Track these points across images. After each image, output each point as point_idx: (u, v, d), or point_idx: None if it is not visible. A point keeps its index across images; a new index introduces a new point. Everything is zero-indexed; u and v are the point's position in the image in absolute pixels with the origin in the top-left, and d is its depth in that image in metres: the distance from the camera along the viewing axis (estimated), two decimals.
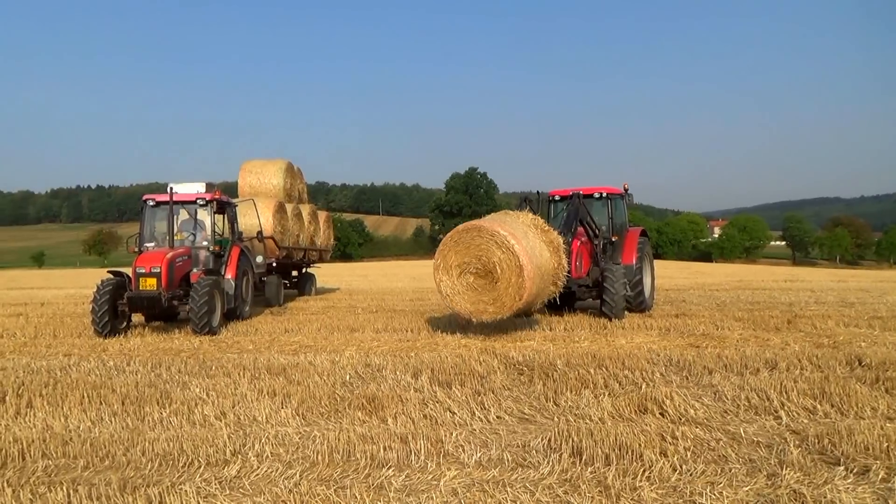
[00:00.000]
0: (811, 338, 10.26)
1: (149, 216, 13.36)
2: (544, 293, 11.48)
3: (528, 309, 11.63)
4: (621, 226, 14.87)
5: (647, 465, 4.62)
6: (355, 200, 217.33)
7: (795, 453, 4.80)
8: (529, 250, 10.61)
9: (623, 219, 15.09)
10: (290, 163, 21.48)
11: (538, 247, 11.13)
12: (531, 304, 11.29)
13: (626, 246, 14.15)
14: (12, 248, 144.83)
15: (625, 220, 15.16)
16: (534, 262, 10.56)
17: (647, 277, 14.55)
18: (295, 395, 6.68)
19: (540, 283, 10.85)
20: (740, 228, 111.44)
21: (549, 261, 11.34)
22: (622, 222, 14.98)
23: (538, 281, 10.70)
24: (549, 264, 11.31)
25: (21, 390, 7.10)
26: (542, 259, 11.01)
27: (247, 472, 4.65)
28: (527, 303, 10.74)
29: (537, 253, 10.92)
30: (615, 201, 14.79)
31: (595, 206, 14.47)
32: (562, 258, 11.67)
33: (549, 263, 11.28)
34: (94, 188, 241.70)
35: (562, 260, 11.67)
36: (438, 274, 10.96)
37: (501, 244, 10.42)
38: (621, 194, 15.01)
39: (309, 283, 22.01)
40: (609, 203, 14.63)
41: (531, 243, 10.91)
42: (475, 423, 5.85)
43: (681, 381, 7.22)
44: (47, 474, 4.71)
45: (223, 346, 10.32)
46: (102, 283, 11.74)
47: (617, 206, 14.82)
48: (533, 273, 10.43)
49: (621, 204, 15.03)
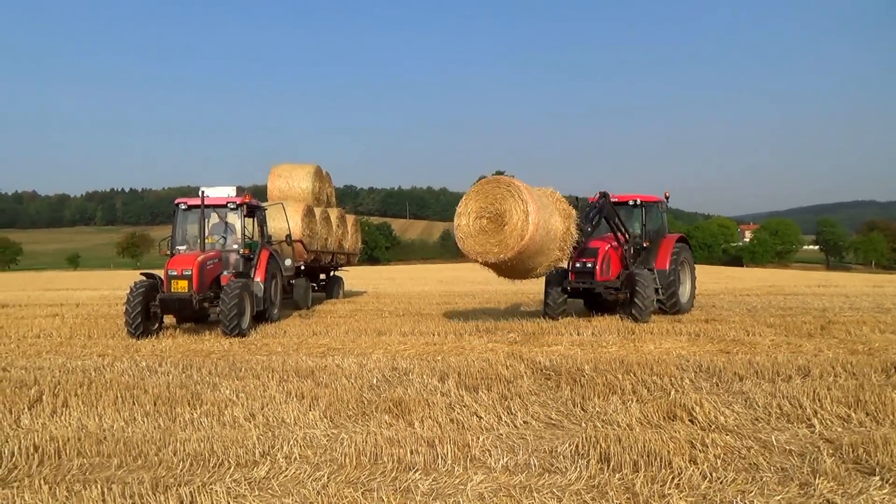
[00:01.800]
0: (845, 344, 10.06)
1: (181, 219, 13.58)
2: (550, 254, 12.38)
3: (533, 268, 12.56)
4: (656, 232, 15.19)
5: (676, 473, 4.57)
6: (382, 204, 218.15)
7: (829, 462, 4.71)
8: (540, 205, 11.70)
9: (658, 225, 15.40)
10: (319, 167, 21.68)
11: (550, 208, 12.18)
12: (533, 259, 12.12)
13: (660, 251, 14.60)
14: (49, 251, 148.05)
15: (661, 226, 15.47)
16: (541, 215, 11.57)
17: (686, 282, 15.10)
18: (323, 398, 6.74)
19: (546, 238, 11.80)
20: (772, 232, 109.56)
21: (559, 224, 12.27)
22: (657, 228, 15.30)
23: (543, 234, 11.62)
24: (558, 226, 12.23)
25: (57, 390, 7.26)
26: (550, 218, 12.00)
27: (275, 473, 4.70)
28: (529, 250, 11.61)
29: (548, 211, 11.93)
30: (649, 208, 15.08)
31: (631, 213, 14.97)
32: (571, 227, 12.61)
33: (557, 225, 12.22)
34: (127, 191, 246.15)
35: (571, 228, 12.57)
36: (458, 219, 12.14)
37: (515, 193, 11.64)
38: (657, 201, 15.29)
39: (337, 286, 22.17)
40: (643, 210, 14.93)
41: (543, 203, 11.99)
42: (502, 427, 5.84)
43: (711, 388, 7.13)
44: (82, 472, 4.81)
45: (252, 348, 10.44)
46: (135, 285, 11.96)
47: (651, 213, 15.12)
48: (538, 222, 11.41)
49: (656, 211, 15.35)
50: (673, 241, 14.91)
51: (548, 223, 11.87)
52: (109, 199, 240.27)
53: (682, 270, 14.99)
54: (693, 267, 15.67)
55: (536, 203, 11.58)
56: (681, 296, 14.81)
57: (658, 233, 15.27)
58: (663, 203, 15.66)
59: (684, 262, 15.15)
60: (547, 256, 12.37)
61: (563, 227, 12.42)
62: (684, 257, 15.16)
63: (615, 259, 14.23)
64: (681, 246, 15.11)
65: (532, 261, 12.17)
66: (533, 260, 12.14)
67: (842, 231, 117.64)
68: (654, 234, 15.09)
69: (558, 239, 12.35)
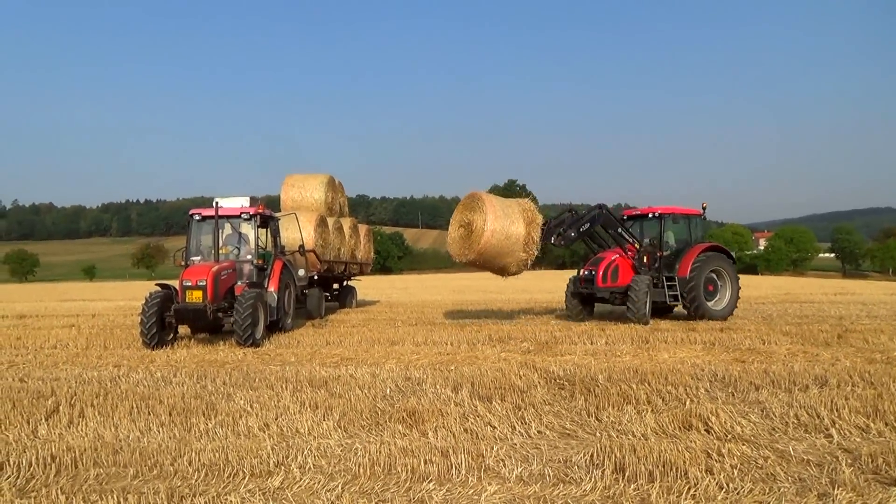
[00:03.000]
0: (863, 353, 9.96)
1: (195, 230, 13.67)
2: (514, 255, 14.57)
3: (504, 266, 14.85)
4: (684, 241, 16.15)
5: (692, 483, 4.54)
6: (395, 213, 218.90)
7: (848, 473, 4.65)
8: (500, 215, 14.25)
9: (682, 235, 16.30)
10: (332, 177, 21.78)
11: (513, 217, 14.46)
12: (499, 258, 14.59)
13: (683, 260, 15.52)
14: (65, 262, 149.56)
15: (691, 236, 16.19)
16: (499, 224, 14.14)
17: (723, 290, 15.73)
18: (336, 408, 6.75)
19: (505, 242, 14.27)
20: (787, 240, 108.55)
21: (521, 229, 14.44)
22: (680, 238, 16.19)
23: (501, 238, 14.18)
24: (520, 232, 14.42)
25: (73, 400, 7.32)
26: (511, 226, 14.34)
27: (290, 483, 4.71)
28: (487, 253, 14.28)
29: (509, 220, 14.34)
30: (664, 220, 16.00)
31: (653, 224, 16.25)
32: (534, 232, 14.60)
33: (519, 231, 14.41)
34: (142, 202, 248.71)
35: (533, 233, 14.58)
36: (449, 228, 15.16)
37: (479, 206, 14.43)
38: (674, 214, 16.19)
39: (350, 295, 22.23)
40: (660, 222, 15.97)
41: (507, 213, 14.44)
42: (516, 437, 5.82)
43: (726, 398, 7.08)
44: (99, 482, 4.84)
45: (266, 359, 10.48)
46: (150, 296, 12.05)
47: (667, 224, 16.08)
48: (495, 229, 14.05)
49: (670, 222, 16.17)
50: (699, 250, 15.50)
51: (507, 230, 14.30)
52: (124, 211, 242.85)
53: (717, 278, 15.64)
54: (732, 276, 15.82)
55: (496, 213, 14.24)
56: (713, 303, 15.47)
57: (687, 242, 16.02)
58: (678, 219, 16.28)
59: (720, 271, 15.64)
60: (512, 256, 14.62)
61: (525, 233, 14.49)
62: (717, 266, 15.59)
63: (625, 267, 15.42)
64: (709, 255, 15.58)
65: (499, 260, 14.67)
66: (499, 259, 14.66)
67: (858, 238, 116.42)
68: (681, 243, 16.07)
69: (521, 242, 14.50)
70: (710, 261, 15.47)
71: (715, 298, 15.58)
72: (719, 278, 15.65)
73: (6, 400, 7.37)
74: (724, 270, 15.68)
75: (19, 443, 5.78)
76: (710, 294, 15.52)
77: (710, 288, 15.49)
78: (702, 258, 15.34)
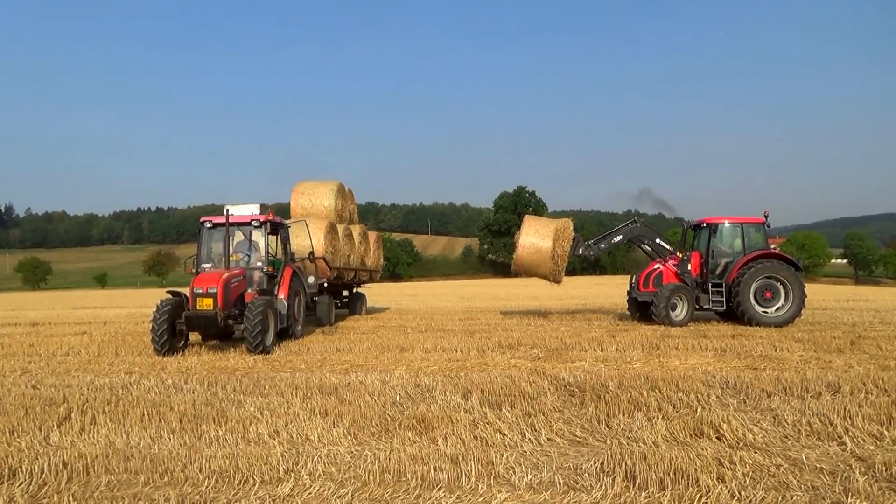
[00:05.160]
0: (876, 360, 9.87)
1: (206, 238, 13.74)
2: (544, 266, 16.92)
3: (541, 274, 17.32)
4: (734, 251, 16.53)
5: (703, 491, 4.51)
6: (404, 220, 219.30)
7: (861, 481, 4.61)
8: (533, 234, 17.01)
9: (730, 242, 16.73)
10: (342, 184, 21.86)
11: (544, 234, 16.89)
12: (534, 268, 17.23)
13: (733, 267, 16.02)
14: (77, 270, 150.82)
15: (748, 244, 16.39)
16: (529, 240, 16.93)
17: (779, 297, 15.71)
18: (346, 415, 6.75)
19: (535, 256, 16.88)
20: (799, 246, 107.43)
21: (549, 245, 16.69)
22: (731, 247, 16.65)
23: (532, 252, 16.88)
24: (547, 246, 16.71)
25: (85, 407, 7.37)
26: (541, 242, 16.83)
27: (300, 490, 4.72)
28: (522, 264, 17.21)
29: (540, 236, 16.90)
30: (712, 229, 16.65)
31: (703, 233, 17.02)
32: (560, 247, 16.63)
33: (547, 246, 16.72)
34: (153, 210, 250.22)
35: (559, 248, 16.62)
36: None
37: (521, 226, 17.49)
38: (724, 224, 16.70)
39: (359, 302, 22.26)
40: (708, 231, 16.71)
41: (540, 231, 17.03)
42: (526, 444, 5.80)
43: (738, 405, 7.03)
44: (110, 489, 4.86)
45: (276, 365, 10.50)
46: (161, 303, 12.11)
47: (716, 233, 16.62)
48: (525, 244, 16.93)
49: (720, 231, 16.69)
50: (751, 257, 15.87)
51: (537, 245, 16.83)
52: (136, 219, 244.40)
53: (779, 285, 15.70)
54: (794, 283, 15.67)
55: (529, 231, 17.08)
56: (771, 310, 15.60)
57: (744, 250, 16.26)
58: (748, 224, 16.56)
59: (780, 278, 15.70)
60: (545, 267, 16.93)
61: (552, 248, 16.67)
62: (775, 273, 15.66)
63: (668, 275, 16.76)
64: (764, 262, 15.78)
65: (535, 269, 17.25)
66: (535, 269, 17.24)
67: (871, 244, 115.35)
68: (735, 252, 16.48)
69: (549, 256, 16.68)
70: (766, 268, 15.62)
71: (774, 305, 15.64)
72: (781, 286, 15.70)
73: (19, 407, 7.43)
74: (785, 278, 15.67)
75: (32, 449, 5.81)
76: (769, 301, 15.61)
77: (767, 295, 15.61)
78: (752, 265, 15.66)
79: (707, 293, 16.20)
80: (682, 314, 15.94)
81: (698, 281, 16.58)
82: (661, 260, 17.12)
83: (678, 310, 15.98)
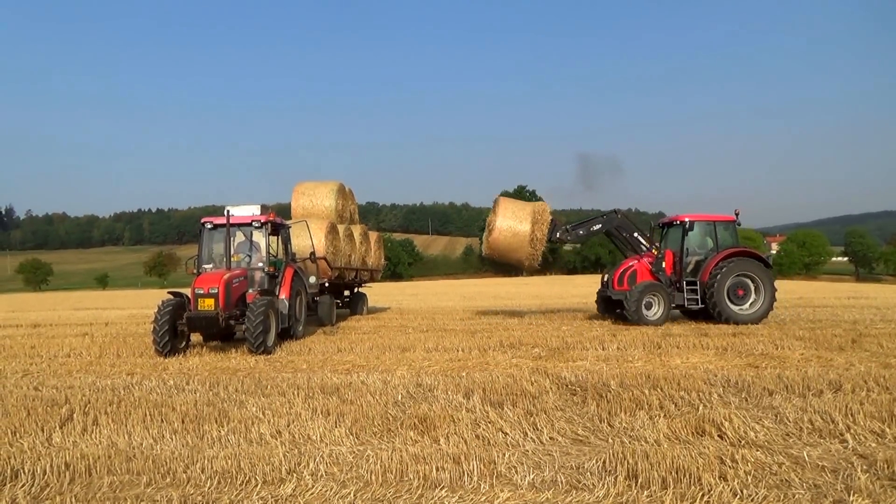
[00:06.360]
0: (878, 358, 9.87)
1: (207, 238, 13.75)
2: (522, 250, 16.45)
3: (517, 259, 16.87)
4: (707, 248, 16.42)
5: (705, 489, 4.51)
6: (405, 220, 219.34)
7: (863, 479, 4.61)
8: (511, 217, 16.42)
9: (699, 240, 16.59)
10: (342, 184, 21.86)
11: (522, 218, 16.37)
12: (510, 253, 16.73)
13: (706, 265, 15.90)
14: (78, 271, 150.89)
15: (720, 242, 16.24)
16: (506, 223, 16.34)
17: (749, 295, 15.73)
18: (348, 415, 6.76)
19: (512, 240, 16.35)
20: (799, 244, 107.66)
21: (527, 228, 16.25)
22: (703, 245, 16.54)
23: (508, 236, 16.33)
24: (525, 230, 16.26)
25: (87, 408, 7.37)
26: (518, 225, 16.32)
27: (302, 490, 4.72)
28: (498, 248, 16.68)
29: (517, 220, 16.36)
30: (687, 227, 16.35)
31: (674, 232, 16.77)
32: (540, 230, 16.31)
33: (525, 229, 16.26)
34: (154, 211, 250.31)
35: (538, 231, 16.27)
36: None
37: (495, 209, 16.80)
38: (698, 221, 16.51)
39: (360, 302, 22.27)
40: (683, 228, 16.36)
41: (517, 214, 16.46)
42: (528, 444, 5.81)
43: (739, 403, 7.03)
44: (112, 490, 4.87)
45: (278, 366, 10.51)
46: (163, 304, 12.12)
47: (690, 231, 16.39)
48: (502, 227, 16.34)
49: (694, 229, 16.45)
50: (724, 255, 15.76)
51: (514, 228, 16.30)
52: (137, 220, 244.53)
53: (750, 283, 15.70)
54: (766, 281, 15.70)
55: (506, 214, 16.46)
56: (743, 308, 15.60)
57: (714, 248, 16.20)
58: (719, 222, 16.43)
59: (752, 276, 15.66)
60: (522, 252, 16.47)
61: (531, 231, 16.23)
62: (747, 270, 15.64)
63: (643, 272, 16.39)
64: (736, 260, 15.69)
65: (511, 254, 16.79)
66: (511, 254, 16.75)
67: (871, 242, 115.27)
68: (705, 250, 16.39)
69: (527, 239, 16.25)
70: (738, 265, 15.59)
71: (746, 302, 15.67)
72: (752, 283, 15.71)
73: (21, 408, 7.43)
74: (757, 275, 15.67)
75: (34, 450, 5.82)
76: (740, 298, 15.61)
77: (739, 292, 15.60)
78: (725, 263, 15.59)
79: (682, 291, 16.02)
80: (658, 313, 15.67)
81: (672, 279, 16.32)
82: (637, 257, 16.84)
83: (654, 309, 15.74)
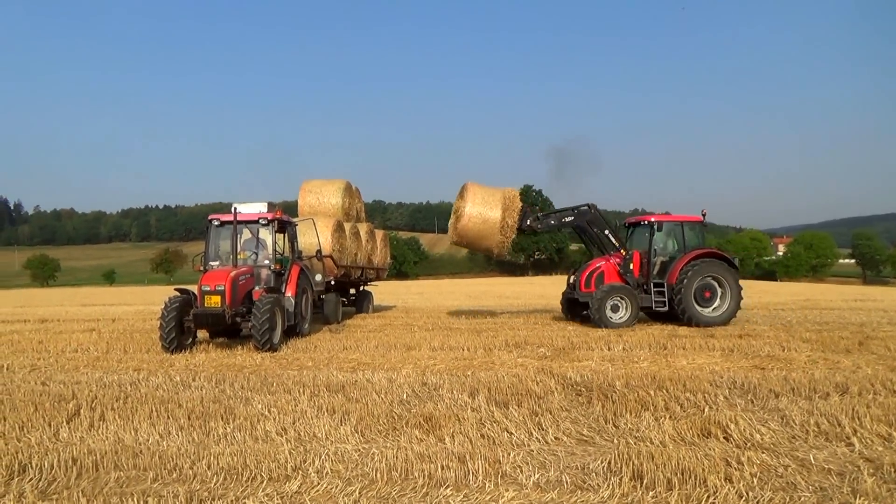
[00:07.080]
0: (885, 360, 9.82)
1: (214, 235, 13.78)
2: (493, 237, 16.00)
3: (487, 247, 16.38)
4: (673, 249, 16.23)
5: (711, 491, 4.50)
6: (411, 218, 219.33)
7: (870, 482, 4.59)
8: (480, 203, 15.91)
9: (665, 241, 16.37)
10: (349, 182, 21.89)
11: (492, 204, 15.88)
12: (480, 241, 16.28)
13: (673, 267, 15.66)
14: (86, 267, 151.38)
15: (687, 243, 16.06)
16: (476, 209, 15.81)
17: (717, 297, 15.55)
18: (353, 413, 6.77)
19: (482, 226, 15.89)
20: (806, 246, 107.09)
21: (498, 214, 15.80)
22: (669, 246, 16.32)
23: (478, 223, 15.86)
24: (496, 216, 15.82)
25: (94, 404, 7.41)
26: (489, 211, 15.85)
27: (307, 487, 4.74)
28: (467, 235, 16.14)
29: (487, 206, 15.87)
30: (654, 227, 16.20)
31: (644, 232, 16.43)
32: (511, 217, 15.93)
33: (495, 216, 15.82)
34: (161, 208, 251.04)
35: (509, 218, 15.89)
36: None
37: (463, 195, 16.27)
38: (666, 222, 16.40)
39: (366, 300, 22.30)
40: (650, 229, 16.18)
41: (487, 200, 15.96)
42: (533, 443, 5.81)
43: (745, 405, 7.01)
44: (119, 485, 4.89)
45: (284, 363, 10.54)
46: (170, 301, 12.16)
47: (658, 232, 16.22)
48: (472, 214, 15.79)
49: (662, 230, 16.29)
50: (691, 256, 15.56)
51: (484, 215, 15.82)
52: (144, 216, 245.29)
53: (717, 285, 15.51)
54: (732, 282, 15.58)
55: (475, 201, 15.91)
56: (710, 309, 15.41)
57: (683, 249, 15.97)
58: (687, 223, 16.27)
59: (718, 278, 15.47)
60: (492, 239, 16.04)
61: (501, 218, 15.79)
62: (714, 272, 15.43)
63: (610, 274, 16.13)
64: (704, 261, 15.50)
65: (481, 242, 16.33)
66: (481, 241, 16.29)
67: (878, 244, 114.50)
68: (670, 251, 16.19)
69: (497, 226, 15.81)
70: (705, 267, 15.40)
71: (712, 305, 15.47)
72: (719, 285, 15.53)
73: (28, 403, 7.48)
74: (723, 277, 15.50)
75: (41, 445, 5.86)
76: (707, 300, 15.43)
77: (706, 294, 15.42)
78: (693, 265, 15.38)
79: (649, 293, 15.78)
80: (624, 316, 15.40)
81: (640, 281, 16.05)
82: (605, 257, 16.45)
83: (621, 311, 15.46)
